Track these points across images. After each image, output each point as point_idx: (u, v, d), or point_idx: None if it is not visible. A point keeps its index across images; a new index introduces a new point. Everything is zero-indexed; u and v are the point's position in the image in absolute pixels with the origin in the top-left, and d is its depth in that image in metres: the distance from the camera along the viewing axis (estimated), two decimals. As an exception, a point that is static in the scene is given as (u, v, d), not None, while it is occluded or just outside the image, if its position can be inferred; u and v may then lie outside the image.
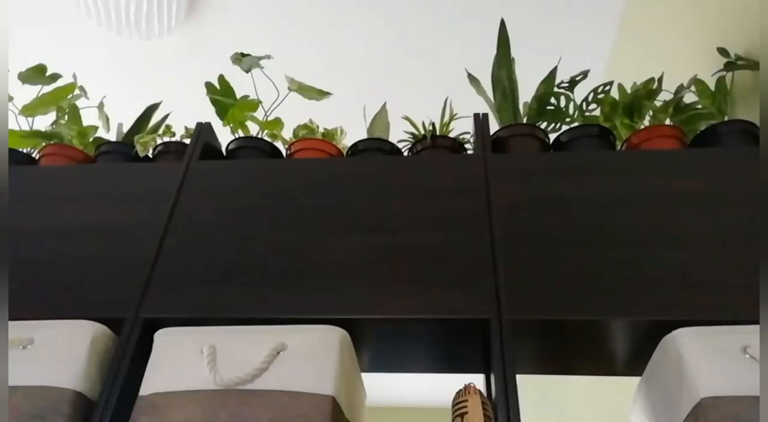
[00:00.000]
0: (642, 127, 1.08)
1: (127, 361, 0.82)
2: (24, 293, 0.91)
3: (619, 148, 1.09)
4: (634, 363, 0.90)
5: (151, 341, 0.82)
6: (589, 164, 0.97)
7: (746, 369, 0.69)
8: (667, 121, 1.10)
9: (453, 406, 0.80)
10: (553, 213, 0.91)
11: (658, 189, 0.92)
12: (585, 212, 0.91)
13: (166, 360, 0.78)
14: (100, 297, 0.89)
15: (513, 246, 0.88)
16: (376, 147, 1.11)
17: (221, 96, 1.18)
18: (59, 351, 0.79)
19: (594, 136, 1.06)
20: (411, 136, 1.14)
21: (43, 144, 1.21)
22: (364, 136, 1.16)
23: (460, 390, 0.80)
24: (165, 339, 0.81)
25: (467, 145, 1.13)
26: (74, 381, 0.77)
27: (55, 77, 1.26)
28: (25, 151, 1.23)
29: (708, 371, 0.69)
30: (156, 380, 0.76)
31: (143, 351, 0.83)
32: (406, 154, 1.14)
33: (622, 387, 1.10)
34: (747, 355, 0.70)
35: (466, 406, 0.77)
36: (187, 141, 1.17)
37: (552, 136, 1.12)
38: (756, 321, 0.72)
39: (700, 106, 1.11)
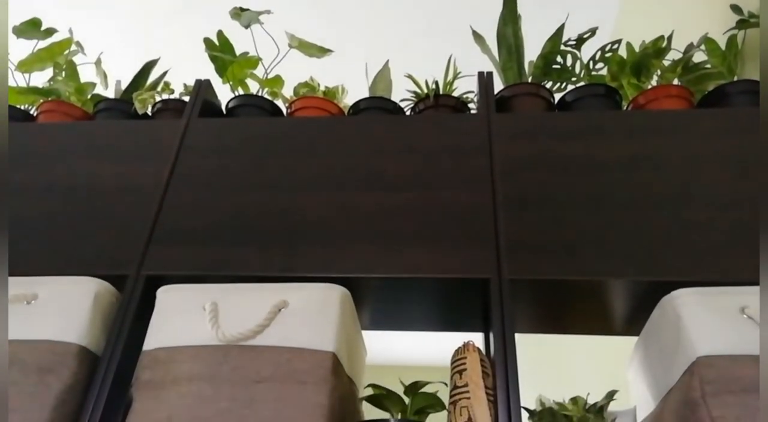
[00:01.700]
0: (649, 87, 1.05)
1: (130, 317, 0.83)
2: (26, 250, 0.92)
3: (625, 108, 1.08)
4: (632, 323, 0.91)
5: (154, 298, 0.83)
6: (594, 124, 0.96)
7: (743, 329, 0.70)
8: (675, 81, 1.07)
9: (452, 363, 0.81)
10: (556, 173, 0.91)
11: (662, 150, 0.91)
12: (588, 173, 0.90)
13: (168, 316, 0.79)
14: (102, 254, 0.90)
15: (514, 207, 0.88)
16: (378, 106, 1.09)
17: (220, 52, 1.15)
18: (63, 307, 0.80)
19: (600, 96, 1.04)
20: (414, 95, 1.12)
21: (41, 101, 1.19)
22: (365, 94, 1.14)
23: (459, 347, 0.82)
24: (167, 296, 0.81)
25: (471, 105, 1.11)
26: (79, 336, 0.78)
27: (51, 32, 1.24)
28: (22, 107, 1.22)
29: (705, 330, 0.70)
30: (159, 335, 0.77)
31: (146, 308, 0.84)
32: (408, 113, 1.12)
33: (620, 346, 1.11)
34: (745, 316, 0.71)
35: (464, 363, 0.78)
36: (186, 98, 1.15)
37: (557, 96, 1.10)
38: (756, 283, 0.72)
39: (709, 66, 1.08)
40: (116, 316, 0.83)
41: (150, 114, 1.17)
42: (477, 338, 0.92)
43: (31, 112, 1.22)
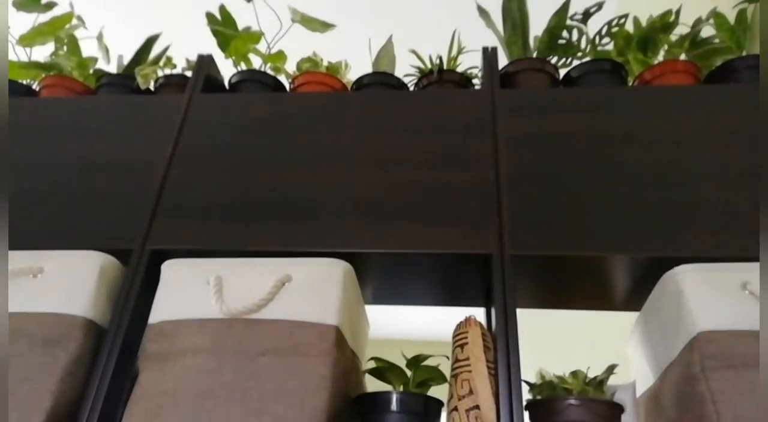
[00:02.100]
0: (656, 62, 1.04)
1: (135, 291, 0.83)
2: (31, 224, 0.92)
3: (631, 83, 1.07)
4: (633, 299, 0.92)
5: (158, 272, 0.83)
6: (599, 100, 0.95)
7: (744, 304, 0.70)
8: (683, 57, 1.06)
9: (454, 337, 0.82)
10: (560, 149, 0.90)
11: (667, 126, 0.91)
12: (592, 149, 0.90)
13: (173, 290, 0.80)
14: (106, 229, 0.90)
15: (517, 183, 0.88)
16: (381, 81, 1.09)
17: (222, 27, 1.14)
18: (69, 280, 0.81)
19: (605, 71, 1.03)
20: (417, 71, 1.11)
21: (43, 75, 1.19)
22: (369, 70, 1.13)
23: (461, 322, 0.82)
24: (172, 270, 0.82)
25: (475, 80, 1.10)
26: (85, 309, 0.79)
27: (51, 5, 1.22)
28: (24, 82, 1.21)
29: (706, 306, 0.70)
30: (164, 309, 0.78)
31: (151, 281, 0.85)
32: (412, 88, 1.11)
33: (620, 322, 1.12)
34: (746, 291, 0.71)
35: (466, 337, 0.79)
36: (189, 73, 1.14)
37: (562, 71, 1.09)
38: (758, 259, 0.72)
39: (717, 41, 1.07)
40: (121, 290, 0.84)
41: (152, 89, 1.16)
42: (479, 313, 0.93)
43: (34, 87, 1.21)
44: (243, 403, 0.67)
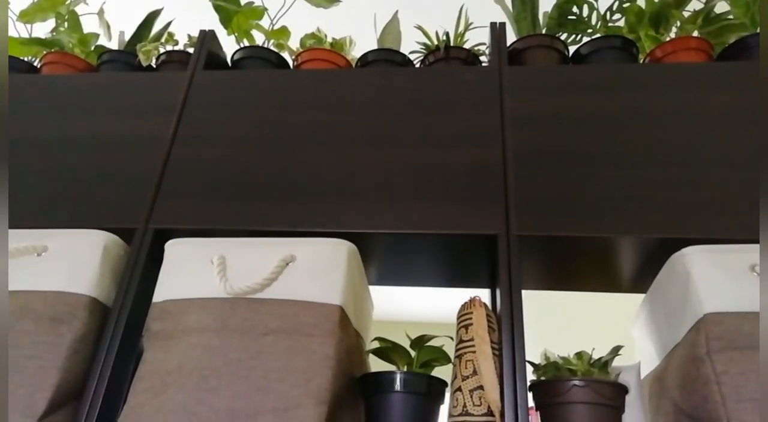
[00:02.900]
0: (668, 39, 1.02)
1: (139, 269, 0.83)
2: (33, 202, 0.92)
3: (642, 61, 1.04)
4: (640, 281, 0.91)
5: (162, 251, 0.83)
6: (609, 78, 0.93)
7: (752, 286, 0.69)
8: (695, 33, 1.04)
9: (458, 318, 0.82)
10: (568, 128, 0.89)
11: (679, 104, 0.89)
12: (601, 128, 0.88)
13: (177, 269, 0.80)
14: (109, 208, 0.90)
15: (525, 163, 0.86)
16: (386, 58, 1.07)
17: (224, 2, 1.12)
18: (73, 259, 0.81)
19: (616, 48, 1.01)
20: (423, 47, 1.09)
21: (44, 52, 1.17)
22: (374, 46, 1.11)
23: (466, 302, 0.82)
24: (176, 249, 0.82)
25: (482, 57, 1.08)
26: (89, 288, 0.79)
27: (51, -20, 1.20)
28: (25, 59, 1.20)
29: (714, 287, 0.70)
30: (168, 288, 0.78)
31: (155, 260, 0.84)
32: (418, 66, 1.10)
33: (625, 304, 1.12)
34: (754, 273, 0.70)
35: (471, 318, 0.79)
36: (191, 50, 1.13)
37: (572, 48, 1.06)
38: None
39: (731, 17, 1.04)
40: (125, 269, 0.84)
41: (154, 66, 1.15)
42: (483, 294, 0.93)
43: (35, 64, 1.20)
44: (247, 382, 0.68)
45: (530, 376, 0.77)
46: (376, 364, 0.81)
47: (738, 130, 0.85)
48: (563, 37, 1.08)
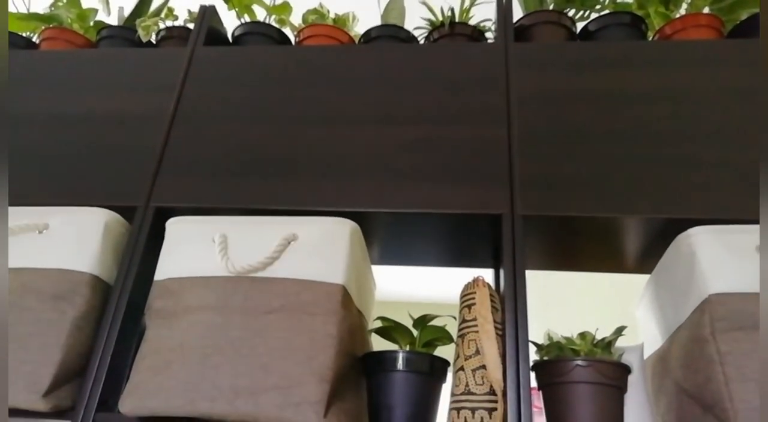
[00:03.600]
0: (678, 15, 1.00)
1: (140, 247, 0.83)
2: (33, 180, 0.91)
3: (651, 38, 1.02)
4: (644, 261, 0.90)
5: (163, 229, 0.83)
6: (617, 55, 0.91)
7: (758, 267, 0.69)
8: (706, 10, 1.01)
9: (461, 298, 0.82)
10: (575, 107, 0.87)
11: (688, 83, 0.87)
12: (608, 107, 0.87)
13: (178, 247, 0.79)
14: (110, 185, 0.89)
15: (530, 142, 0.85)
16: (390, 35, 1.05)
17: (225, -24, 1.10)
18: (74, 237, 0.81)
19: (625, 25, 0.98)
20: (428, 23, 1.07)
21: (42, 28, 1.16)
22: (377, 22, 1.09)
23: (469, 282, 0.82)
24: (177, 228, 0.81)
25: (488, 34, 1.06)
26: (91, 265, 0.79)
27: (49, -47, 1.18)
28: (24, 34, 1.18)
29: (719, 268, 0.69)
30: (170, 266, 0.78)
31: (156, 238, 0.84)
32: (422, 42, 1.08)
33: (629, 285, 1.11)
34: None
35: (474, 298, 0.79)
36: (191, 26, 1.11)
37: (580, 25, 1.04)
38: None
39: (744, -8, 1.02)
40: (127, 246, 0.83)
41: (154, 42, 1.13)
42: (487, 274, 0.92)
43: (33, 40, 1.18)
44: (250, 359, 0.68)
45: (533, 356, 0.77)
46: (379, 343, 0.81)
47: (748, 109, 0.84)
48: (571, 13, 1.06)
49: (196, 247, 0.78)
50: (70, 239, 0.80)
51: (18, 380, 0.70)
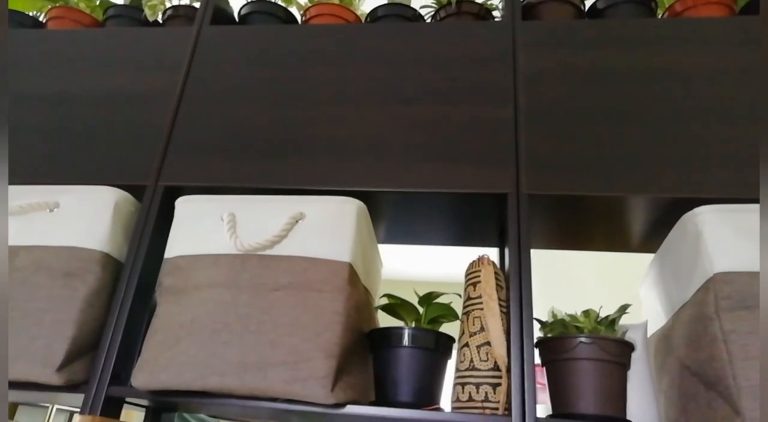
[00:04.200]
0: (688, -8, 0.98)
1: (150, 226, 0.84)
2: (42, 159, 0.92)
3: (660, 16, 1.01)
4: (650, 240, 0.91)
5: (173, 207, 0.84)
6: (626, 33, 0.90)
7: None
8: (718, -14, 1.00)
9: (466, 276, 0.82)
10: (582, 85, 0.87)
11: (697, 61, 0.86)
12: (616, 85, 0.86)
13: (188, 226, 0.80)
14: (119, 165, 0.90)
15: (536, 120, 0.85)
16: (396, 13, 1.04)
17: (231, -46, 1.09)
18: (85, 215, 0.82)
19: (634, 2, 0.97)
20: (434, 2, 1.06)
21: (49, 7, 1.16)
22: (383, 0, 1.08)
23: (474, 261, 0.82)
24: (186, 206, 0.82)
25: (495, 12, 1.05)
26: (101, 243, 0.80)
27: (54, -69, 1.17)
28: (30, 14, 1.18)
29: (725, 247, 0.69)
30: (180, 244, 0.79)
31: (165, 217, 0.85)
32: (428, 21, 1.07)
33: (633, 263, 1.12)
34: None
35: (479, 276, 0.79)
36: (197, 5, 1.10)
37: (588, 2, 1.03)
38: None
39: (756, -31, 1.00)
40: (137, 225, 0.84)
41: (160, 21, 1.13)
42: (492, 253, 0.93)
43: (40, 19, 1.18)
44: (258, 336, 0.69)
45: (537, 334, 0.78)
46: (385, 321, 0.82)
47: (758, 88, 0.83)
48: (580, -10, 1.05)
49: (205, 226, 0.79)
50: (81, 218, 0.82)
51: (32, 355, 0.72)
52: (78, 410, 0.74)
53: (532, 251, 0.79)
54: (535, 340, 0.72)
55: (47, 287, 0.76)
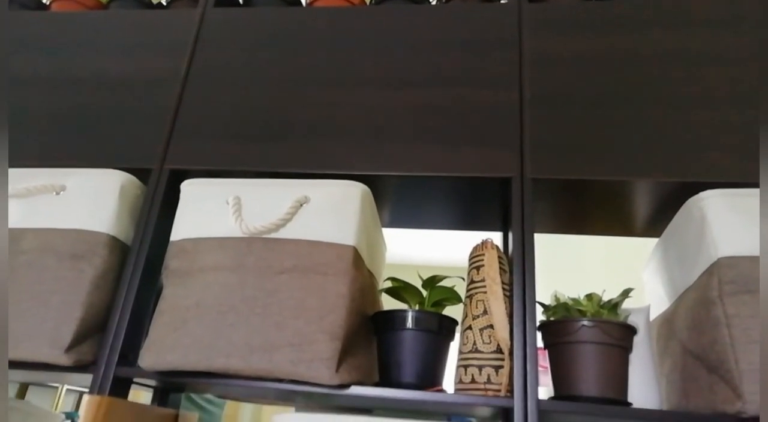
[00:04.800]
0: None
1: (156, 209, 0.84)
2: (47, 142, 0.93)
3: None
4: (654, 225, 0.91)
5: (178, 190, 0.84)
6: (635, 14, 0.89)
7: (769, 231, 0.69)
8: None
9: (470, 259, 0.83)
10: (588, 68, 0.86)
11: (707, 43, 0.85)
12: (622, 68, 0.85)
13: (193, 209, 0.81)
14: (124, 148, 0.90)
15: (542, 104, 0.85)
16: (402, -5, 1.03)
17: (234, -66, 1.08)
18: (91, 198, 0.82)
19: (642, -16, 0.96)
20: (440, -17, 1.05)
21: (52, -11, 1.15)
22: (389, -18, 1.07)
23: (478, 244, 0.83)
24: (191, 190, 0.82)
25: (501, -6, 1.04)
26: (107, 226, 0.81)
27: None
28: (34, -4, 1.18)
29: (729, 231, 0.69)
30: (185, 227, 0.79)
31: (171, 200, 0.86)
32: (434, 2, 1.06)
33: (636, 248, 1.12)
34: (772, 218, 0.69)
35: (482, 259, 0.80)
36: (201, -14, 1.09)
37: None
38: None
39: (768, -50, 0.98)
40: (142, 208, 0.85)
41: (164, 3, 1.12)
42: (496, 237, 0.93)
43: (44, 1, 1.18)
44: (263, 318, 0.70)
45: (540, 317, 0.79)
46: (389, 303, 0.83)
47: (760, 71, 0.82)
48: (587, -29, 1.03)
49: (210, 209, 0.79)
50: (87, 200, 0.82)
51: (41, 336, 0.73)
52: (87, 390, 0.75)
53: (536, 235, 0.79)
54: (537, 324, 0.73)
55: (54, 269, 0.77)
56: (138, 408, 0.75)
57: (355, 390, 0.69)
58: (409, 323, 0.75)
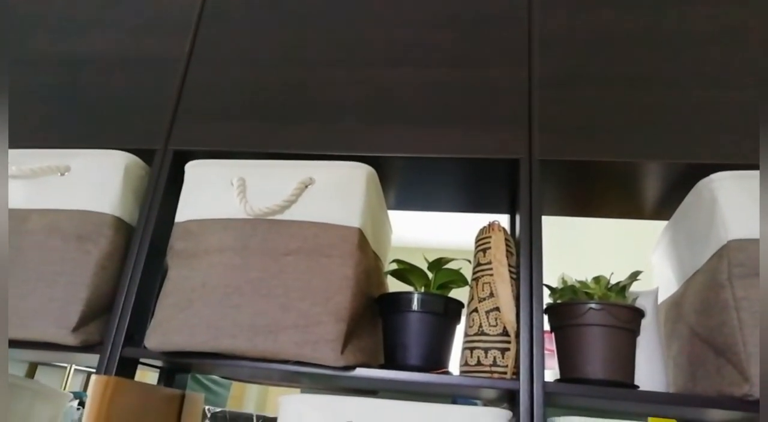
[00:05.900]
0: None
1: (160, 190, 0.84)
2: (51, 123, 0.92)
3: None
4: (663, 207, 0.89)
5: (183, 172, 0.83)
6: (646, -7, 0.87)
7: (781, 213, 0.68)
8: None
9: (476, 242, 0.82)
10: (598, 48, 0.84)
11: (718, 23, 0.83)
12: (632, 48, 0.84)
13: (198, 190, 0.80)
14: (128, 129, 0.90)
15: (551, 84, 0.83)
16: (408, -28, 1.01)
17: None
18: (96, 179, 0.82)
19: (655, -39, 0.93)
20: (448, -40, 1.03)
21: (54, -33, 1.13)
22: (395, -41, 1.05)
23: (485, 227, 0.82)
24: (196, 171, 0.82)
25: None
26: (112, 207, 0.80)
27: None
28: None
29: (740, 214, 0.68)
30: (190, 208, 0.79)
31: (175, 181, 0.85)
32: (441, -19, 1.04)
33: (645, 231, 1.11)
34: (785, 200, 0.68)
35: (489, 242, 0.79)
36: (204, -36, 1.08)
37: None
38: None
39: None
40: (147, 189, 0.85)
41: (167, -18, 1.10)
42: (503, 219, 0.92)
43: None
44: (269, 299, 0.69)
45: (547, 300, 0.78)
46: (395, 286, 0.83)
47: (763, 51, 0.80)
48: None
49: (215, 190, 0.79)
50: (92, 181, 0.82)
51: (48, 316, 0.73)
52: (94, 370, 0.76)
53: (544, 217, 0.78)
54: (544, 306, 0.72)
55: (61, 250, 0.77)
56: (145, 387, 0.76)
57: (360, 372, 0.69)
58: (415, 305, 0.75)
